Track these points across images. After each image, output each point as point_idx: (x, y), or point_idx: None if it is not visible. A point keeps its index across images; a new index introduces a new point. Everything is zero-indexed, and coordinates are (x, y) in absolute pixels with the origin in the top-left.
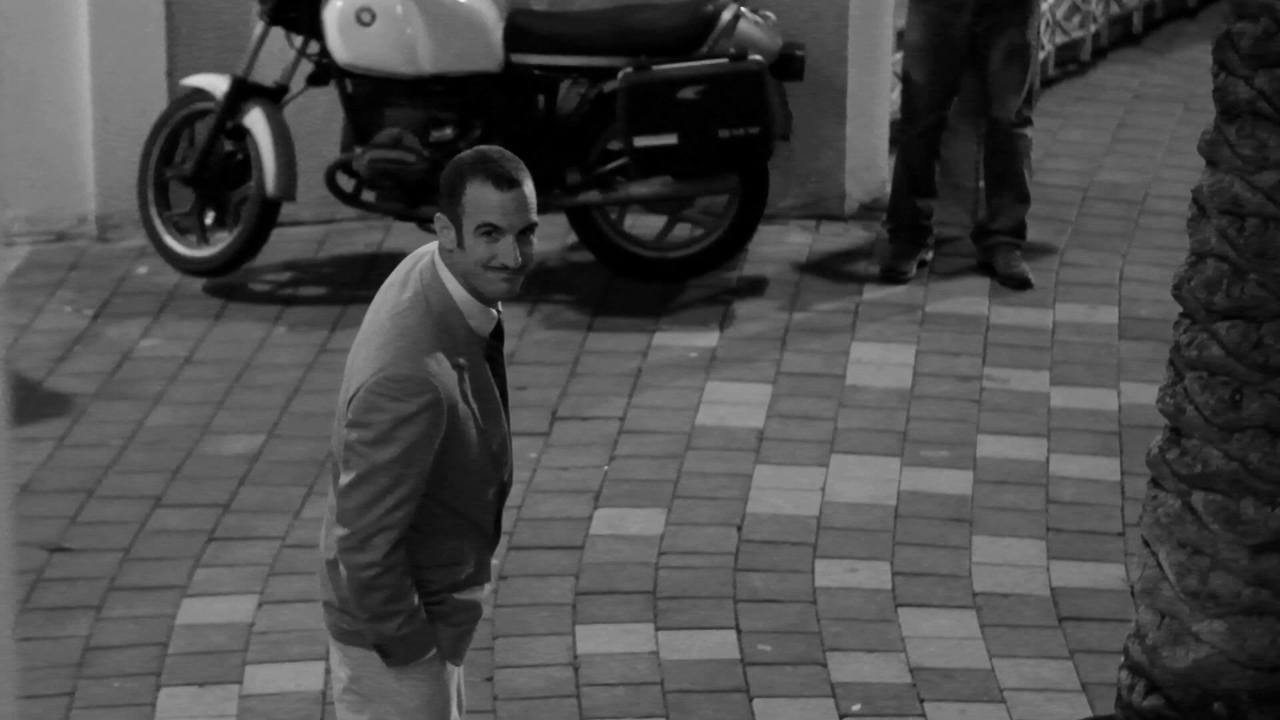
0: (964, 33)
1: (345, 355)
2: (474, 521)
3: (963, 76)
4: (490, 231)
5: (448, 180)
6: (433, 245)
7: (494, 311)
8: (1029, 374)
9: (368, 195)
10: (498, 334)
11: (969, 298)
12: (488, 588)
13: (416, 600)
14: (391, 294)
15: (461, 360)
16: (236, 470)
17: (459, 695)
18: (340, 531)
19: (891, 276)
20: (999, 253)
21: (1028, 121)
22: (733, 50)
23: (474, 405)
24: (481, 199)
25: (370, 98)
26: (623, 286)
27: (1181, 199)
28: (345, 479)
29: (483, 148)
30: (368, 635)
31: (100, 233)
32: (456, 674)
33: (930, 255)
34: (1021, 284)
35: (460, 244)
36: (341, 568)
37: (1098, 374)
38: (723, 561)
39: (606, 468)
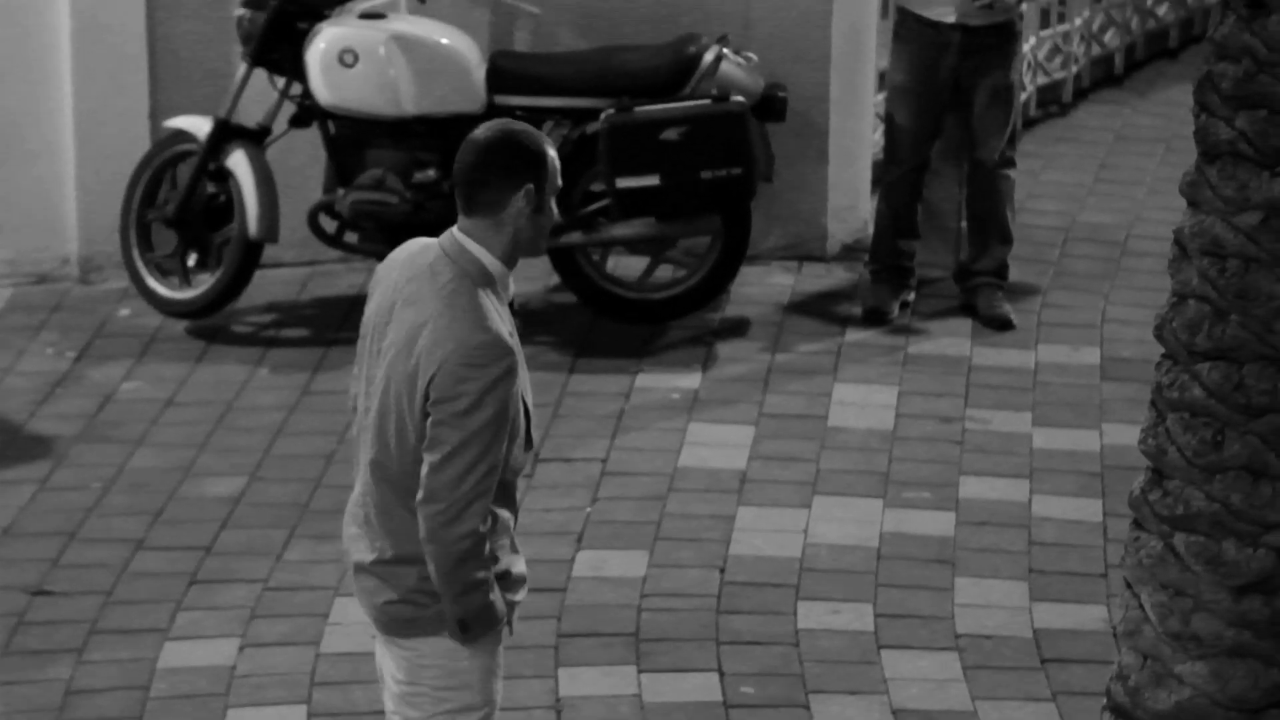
0: (948, 75)
1: (328, 397)
2: (512, 489)
3: (946, 118)
4: (554, 194)
5: (528, 151)
6: (425, 241)
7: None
8: (1011, 415)
9: (350, 237)
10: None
11: (951, 339)
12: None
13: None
14: (423, 285)
15: (509, 329)
16: (218, 513)
17: None
18: (434, 508)
19: (874, 318)
20: (981, 294)
21: (1010, 163)
22: (715, 92)
23: (520, 373)
24: (556, 165)
25: (353, 139)
26: (605, 328)
27: (1163, 240)
28: (436, 456)
29: (500, 123)
30: (451, 612)
31: (82, 275)
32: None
33: (912, 296)
34: (1003, 325)
35: (541, 209)
36: (433, 546)
37: (1080, 415)
38: (705, 603)
39: (589, 509)
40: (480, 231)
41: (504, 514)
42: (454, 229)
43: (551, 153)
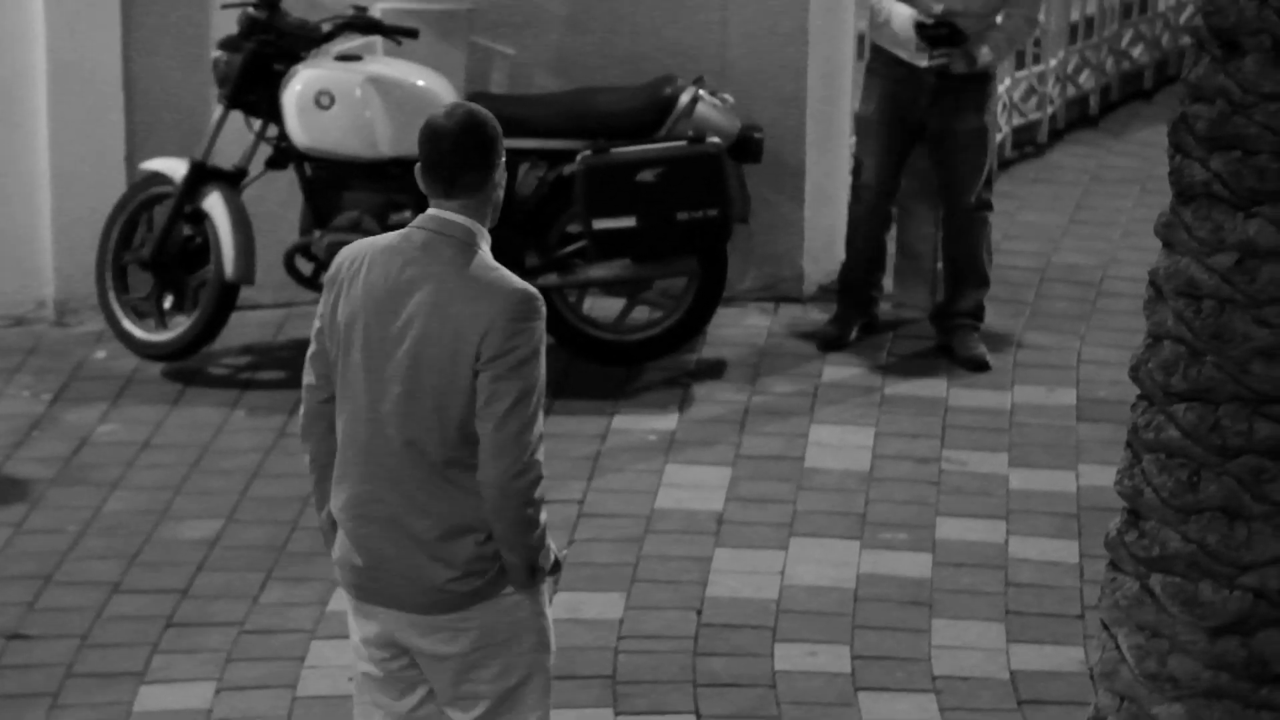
0: (918, 114)
1: None
2: None
3: (916, 158)
4: None
5: (495, 129)
6: (393, 234)
7: None
8: (987, 456)
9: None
10: None
11: (928, 380)
12: None
13: None
14: (428, 266)
15: None
16: (194, 556)
17: None
18: (504, 462)
19: (828, 342)
20: (957, 335)
21: (987, 205)
22: (691, 133)
23: None
24: None
25: (329, 181)
26: (582, 369)
27: (1139, 280)
28: (497, 411)
29: (460, 108)
30: (522, 561)
31: (58, 317)
32: None
33: (884, 330)
34: (980, 366)
35: (503, 179)
36: (506, 501)
37: (1056, 456)
38: (682, 645)
39: (565, 551)
40: (461, 210)
41: None
42: (431, 212)
43: None
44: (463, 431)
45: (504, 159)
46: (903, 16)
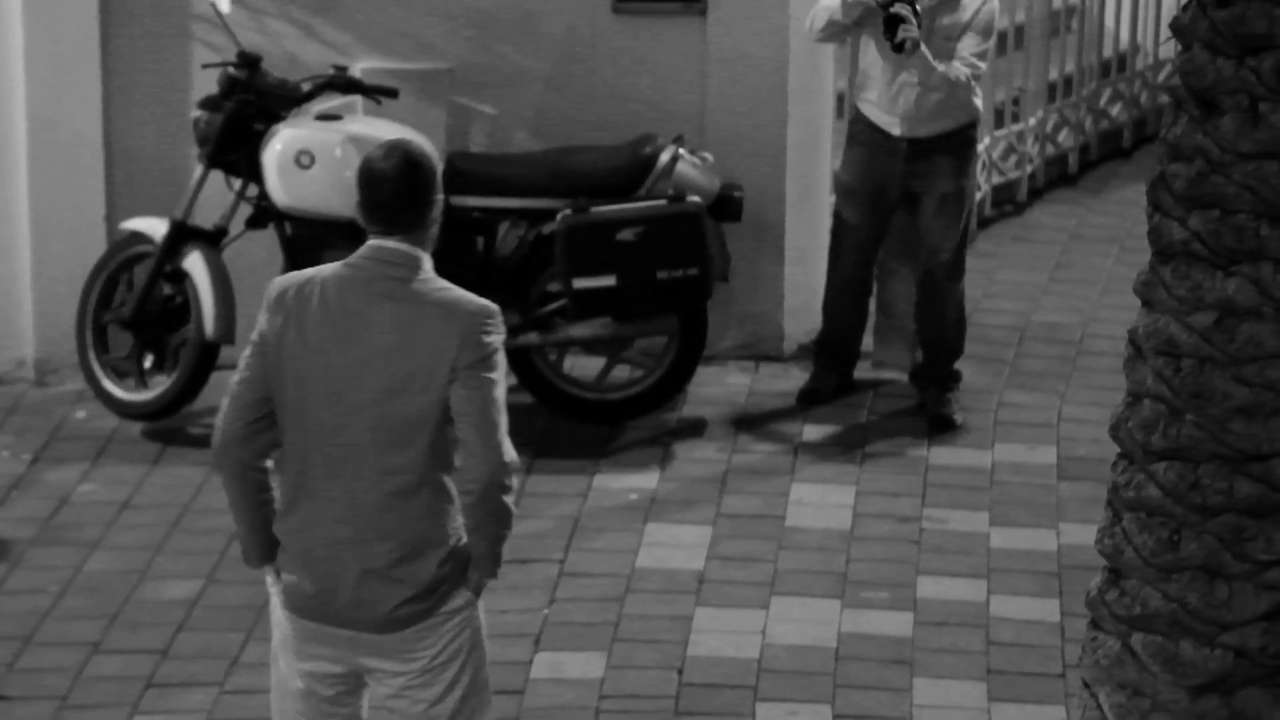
0: (896, 180)
1: None
2: None
3: (896, 221)
4: None
5: (433, 168)
6: (329, 267)
7: None
8: (968, 514)
9: None
10: None
11: (908, 438)
12: None
13: None
14: (385, 294)
15: None
16: (175, 616)
17: None
18: (490, 461)
19: (809, 397)
20: (929, 392)
21: (959, 274)
22: (671, 192)
23: None
24: None
25: (310, 240)
26: (562, 428)
27: (1118, 339)
28: (473, 413)
29: (398, 148)
30: (493, 557)
31: (38, 377)
32: None
33: (855, 380)
34: (946, 424)
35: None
36: (491, 496)
37: (1036, 514)
38: (663, 705)
39: (547, 611)
40: (403, 241)
41: None
42: (374, 243)
43: None
44: (434, 448)
45: (441, 193)
46: None
